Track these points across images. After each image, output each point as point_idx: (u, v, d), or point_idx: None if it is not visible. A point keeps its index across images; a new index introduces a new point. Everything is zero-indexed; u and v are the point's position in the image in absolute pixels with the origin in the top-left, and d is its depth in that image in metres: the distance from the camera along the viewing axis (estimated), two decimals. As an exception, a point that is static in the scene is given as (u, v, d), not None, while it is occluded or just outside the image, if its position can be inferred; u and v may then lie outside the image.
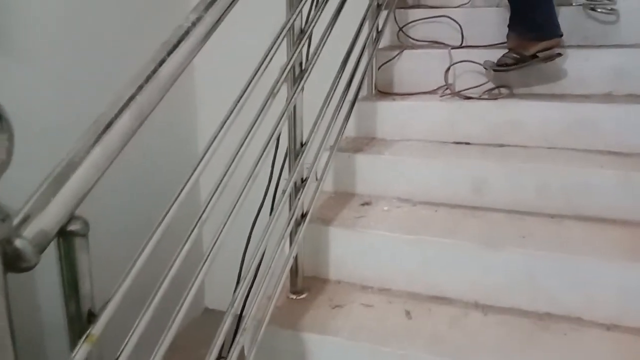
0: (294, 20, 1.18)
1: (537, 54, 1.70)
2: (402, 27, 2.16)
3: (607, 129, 1.59)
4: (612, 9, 1.94)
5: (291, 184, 1.26)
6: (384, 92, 1.99)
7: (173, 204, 0.82)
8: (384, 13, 1.98)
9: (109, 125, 0.65)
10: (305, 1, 1.22)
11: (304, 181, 1.32)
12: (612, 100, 1.71)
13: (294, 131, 1.29)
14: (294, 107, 1.27)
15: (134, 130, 0.67)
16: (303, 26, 1.26)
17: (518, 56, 1.72)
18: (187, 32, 0.76)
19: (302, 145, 1.31)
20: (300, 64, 1.27)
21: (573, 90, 1.81)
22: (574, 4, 2.03)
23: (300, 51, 1.26)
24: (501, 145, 1.67)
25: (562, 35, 1.71)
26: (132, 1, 2.41)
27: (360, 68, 1.68)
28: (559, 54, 1.71)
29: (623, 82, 1.77)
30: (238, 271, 1.40)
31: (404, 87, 1.98)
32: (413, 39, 2.14)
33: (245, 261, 1.47)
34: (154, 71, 0.70)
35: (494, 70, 1.81)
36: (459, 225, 1.40)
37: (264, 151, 1.10)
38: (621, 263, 1.21)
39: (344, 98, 1.51)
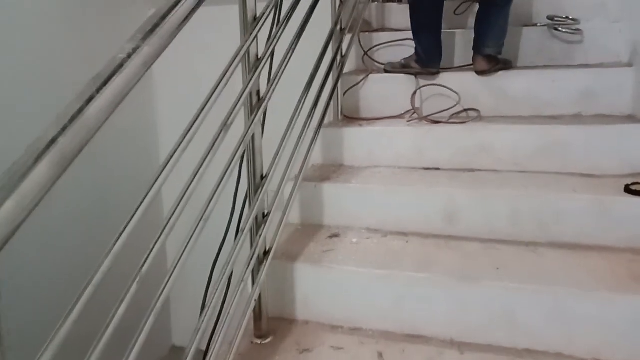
0: (249, 46, 1.11)
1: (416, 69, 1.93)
2: (367, 51, 2.12)
3: (577, 151, 1.55)
4: (576, 29, 1.93)
5: (251, 220, 1.17)
6: (351, 118, 1.93)
7: (115, 243, 0.73)
8: (347, 37, 1.93)
9: (24, 174, 0.56)
10: (261, 27, 1.15)
11: (265, 216, 1.24)
12: (582, 121, 1.68)
13: (252, 163, 1.21)
14: (252, 138, 1.19)
15: (54, 179, 0.58)
16: (259, 52, 1.19)
17: (403, 66, 1.97)
18: (121, 65, 0.68)
19: (262, 178, 1.23)
20: (258, 92, 1.20)
21: (542, 112, 1.78)
22: (538, 25, 2.02)
23: (258, 79, 1.18)
24: (471, 170, 1.62)
25: (428, 66, 1.91)
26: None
27: (325, 93, 1.62)
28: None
29: (591, 102, 1.74)
30: (199, 313, 1.30)
31: (370, 112, 1.93)
32: (379, 62, 2.10)
33: (206, 302, 1.37)
34: (80, 110, 0.61)
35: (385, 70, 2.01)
36: (432, 258, 1.33)
37: (218, 186, 1.02)
38: (601, 294, 1.15)
39: (308, 125, 1.44)
